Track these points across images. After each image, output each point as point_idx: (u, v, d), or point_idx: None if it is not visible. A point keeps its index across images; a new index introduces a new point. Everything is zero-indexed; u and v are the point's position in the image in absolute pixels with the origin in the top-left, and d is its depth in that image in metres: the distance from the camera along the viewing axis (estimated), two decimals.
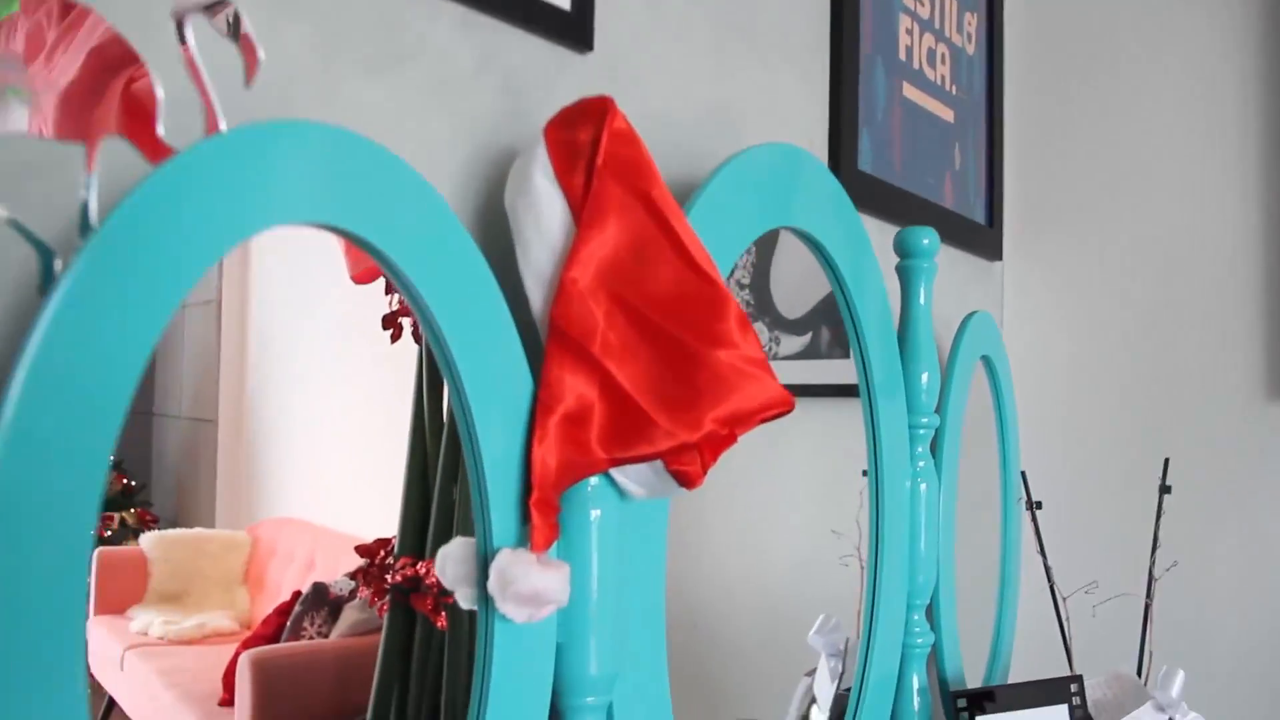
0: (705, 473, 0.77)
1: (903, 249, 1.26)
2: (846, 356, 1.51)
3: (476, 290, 0.74)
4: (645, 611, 0.85)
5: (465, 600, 0.76)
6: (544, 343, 0.76)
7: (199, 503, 0.88)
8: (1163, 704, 1.36)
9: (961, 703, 1.25)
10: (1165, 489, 1.44)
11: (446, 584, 0.76)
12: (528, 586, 0.71)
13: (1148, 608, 1.44)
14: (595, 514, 0.79)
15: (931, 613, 1.33)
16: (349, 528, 0.95)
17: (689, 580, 1.28)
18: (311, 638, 1.44)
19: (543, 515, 0.73)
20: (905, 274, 1.27)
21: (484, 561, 0.73)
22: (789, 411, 0.78)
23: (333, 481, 0.97)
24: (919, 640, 1.28)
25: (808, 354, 1.49)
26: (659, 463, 0.76)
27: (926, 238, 1.25)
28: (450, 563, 0.75)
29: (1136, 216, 1.82)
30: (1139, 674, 1.43)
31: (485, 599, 0.74)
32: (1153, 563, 1.43)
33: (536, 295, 0.77)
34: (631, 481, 0.78)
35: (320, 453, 0.95)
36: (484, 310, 0.74)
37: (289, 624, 0.99)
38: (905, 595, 1.25)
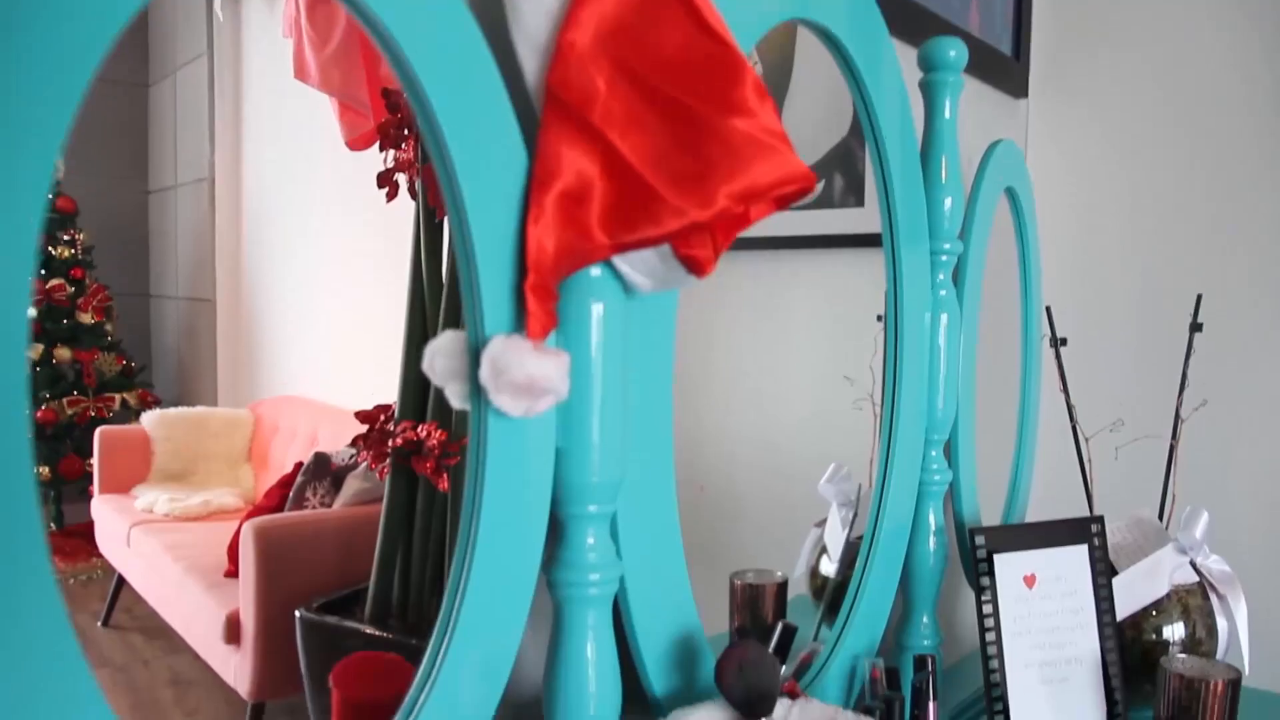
0: (717, 258, 0.70)
1: (928, 62, 1.17)
2: (860, 205, 1.44)
3: (466, 55, 0.66)
4: (651, 418, 0.80)
5: (456, 398, 0.69)
6: (539, 114, 0.69)
7: (200, 383, 0.85)
8: (1185, 546, 1.32)
9: (980, 540, 1.20)
10: (1196, 327, 1.38)
11: (436, 381, 0.69)
12: (522, 373, 0.64)
13: (1172, 449, 1.39)
14: (597, 308, 0.72)
15: (950, 450, 1.28)
16: (351, 403, 0.94)
17: (698, 437, 1.24)
18: (314, 508, 1.41)
19: (539, 301, 0.67)
20: (930, 89, 1.18)
21: (475, 352, 0.67)
22: (810, 190, 0.70)
23: (334, 358, 0.96)
24: (936, 478, 1.23)
25: (820, 203, 1.43)
26: (666, 248, 0.69)
27: (953, 49, 1.16)
28: (439, 357, 0.69)
29: (1169, 50, 1.72)
30: (1160, 518, 1.39)
31: (477, 393, 0.68)
32: (1180, 403, 1.38)
33: (531, 63, 0.69)
34: (636, 271, 0.71)
35: (320, 328, 0.93)
36: (474, 77, 0.67)
37: (291, 495, 1.00)
38: (923, 430, 1.20)
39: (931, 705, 1.04)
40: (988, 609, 1.20)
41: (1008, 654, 1.19)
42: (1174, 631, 1.30)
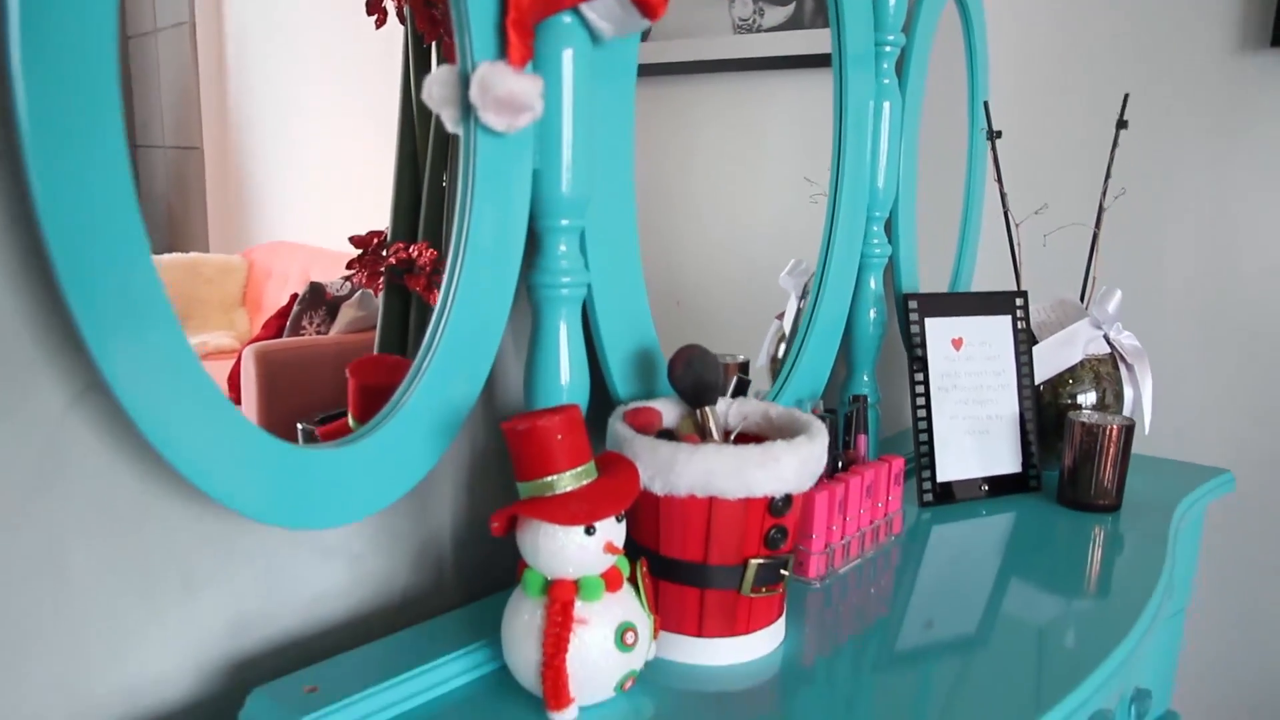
0: (665, 4, 0.83)
1: None
2: (828, 26, 1.54)
3: None
4: (614, 152, 0.93)
5: (450, 122, 0.83)
6: None
7: (191, 231, 0.87)
8: (1099, 321, 1.48)
9: (913, 305, 1.36)
10: (1122, 124, 1.51)
11: (433, 107, 0.83)
12: (504, 89, 0.78)
13: (1095, 237, 1.53)
14: (568, 53, 0.85)
15: (891, 227, 1.42)
16: (343, 246, 0.97)
17: (675, 250, 1.36)
18: (311, 336, 1.53)
19: (519, 35, 0.80)
20: None
21: (465, 80, 0.80)
22: None
23: (325, 200, 0.98)
24: (877, 251, 1.37)
25: (791, 24, 1.52)
26: None
27: None
28: (436, 85, 0.82)
29: None
30: (1082, 299, 1.54)
31: (468, 116, 0.81)
32: (1104, 193, 1.52)
33: None
34: (600, 18, 0.84)
35: (311, 170, 0.95)
36: None
37: (288, 325, 1.01)
38: (865, 207, 1.34)
39: (861, 437, 1.20)
40: (918, 365, 1.36)
41: (935, 405, 1.36)
42: (1087, 398, 1.47)
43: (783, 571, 0.87)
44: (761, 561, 0.85)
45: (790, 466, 0.82)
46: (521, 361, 0.98)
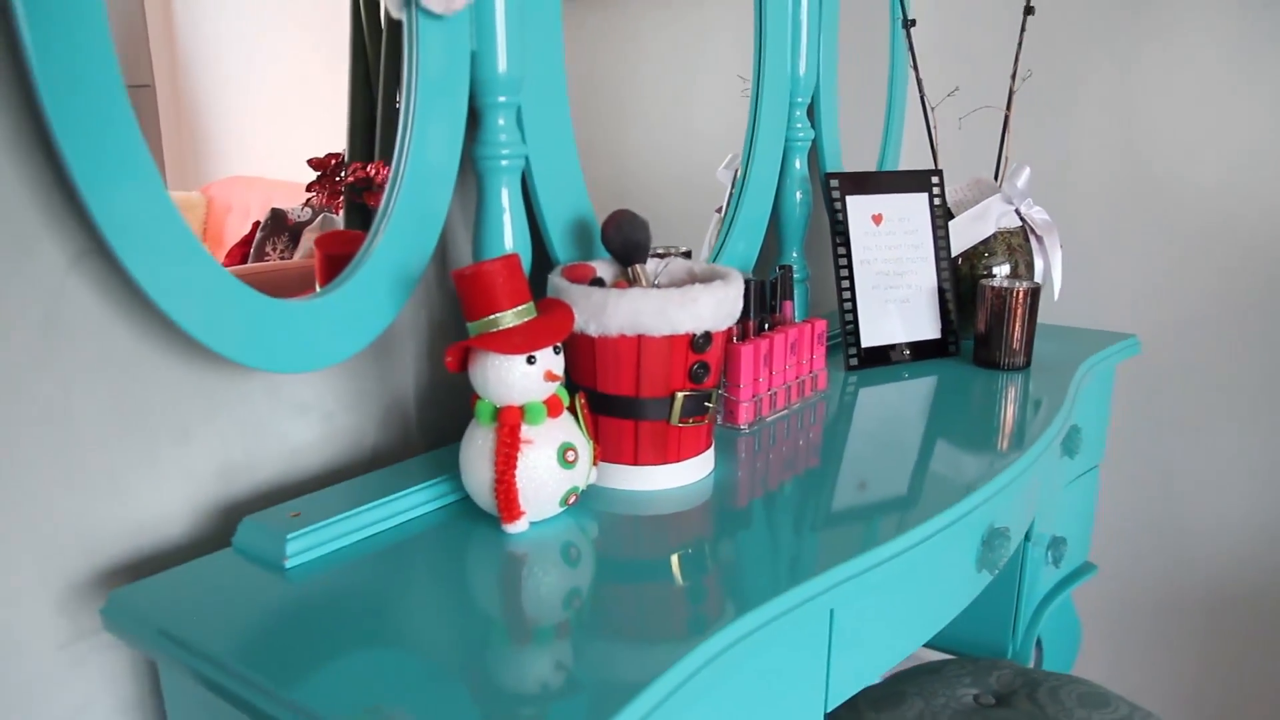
0: None
1: None
2: None
3: None
4: (544, 30, 1.02)
5: (393, 7, 0.92)
6: None
7: None
8: (1009, 196, 1.59)
9: (834, 183, 1.47)
10: (1029, 9, 1.61)
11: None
12: None
13: (1006, 119, 1.64)
14: None
15: (814, 112, 1.52)
16: (302, 177, 1.00)
17: (622, 150, 1.44)
18: (275, 261, 1.60)
19: None
20: None
21: None
22: None
23: (280, 131, 0.99)
24: (800, 134, 1.48)
25: None
26: None
27: None
28: None
29: None
30: (995, 178, 1.66)
31: (409, 1, 0.90)
32: (1013, 77, 1.62)
33: None
34: None
35: (264, 102, 0.97)
36: None
37: (252, 252, 1.02)
38: (788, 93, 1.44)
39: (787, 303, 1.31)
40: (840, 240, 1.47)
41: (857, 276, 1.48)
42: (1001, 269, 1.59)
43: (706, 404, 0.98)
44: (687, 394, 0.96)
45: (708, 306, 0.93)
46: (470, 231, 1.09)
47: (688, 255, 1.48)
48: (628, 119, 1.47)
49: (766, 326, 1.25)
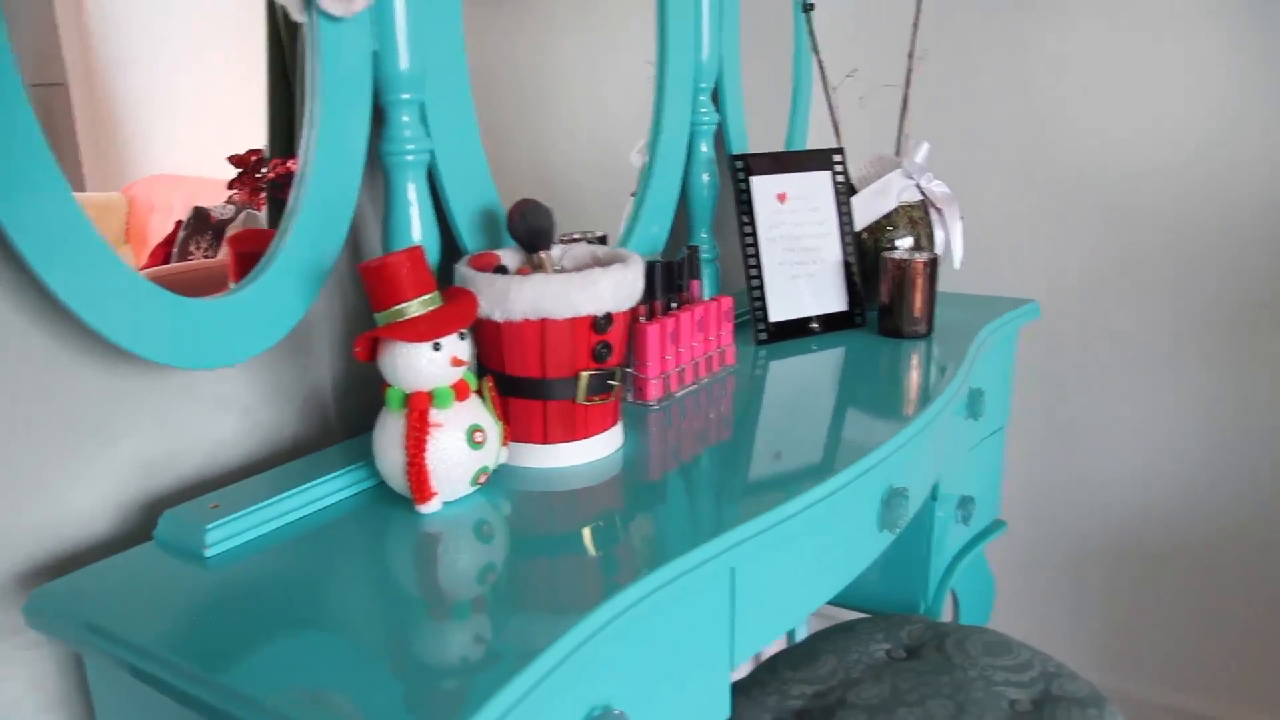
0: None
1: None
2: None
3: None
4: (444, 28, 1.06)
5: (294, 10, 0.95)
6: None
7: (64, 171, 0.80)
8: (910, 171, 1.65)
9: (739, 164, 1.52)
10: None
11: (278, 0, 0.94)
12: None
13: (905, 97, 1.70)
14: None
15: (718, 96, 1.56)
16: (224, 175, 1.01)
17: (540, 141, 1.46)
18: (199, 260, 1.61)
19: None
20: None
21: None
22: None
23: (200, 129, 0.99)
24: (705, 119, 1.52)
25: None
26: None
27: None
28: None
29: None
30: (897, 154, 1.72)
31: (310, 4, 0.93)
32: (910, 55, 1.68)
33: None
34: None
35: (183, 99, 0.97)
36: None
37: (175, 251, 1.01)
38: (691, 78, 1.48)
39: (695, 282, 1.36)
40: (746, 218, 1.52)
41: (764, 253, 1.53)
42: (904, 241, 1.65)
43: (610, 382, 1.03)
44: (592, 373, 1.01)
45: (608, 288, 0.98)
46: (380, 224, 1.12)
47: (603, 240, 1.52)
48: (544, 107, 1.50)
49: (674, 305, 1.29)
